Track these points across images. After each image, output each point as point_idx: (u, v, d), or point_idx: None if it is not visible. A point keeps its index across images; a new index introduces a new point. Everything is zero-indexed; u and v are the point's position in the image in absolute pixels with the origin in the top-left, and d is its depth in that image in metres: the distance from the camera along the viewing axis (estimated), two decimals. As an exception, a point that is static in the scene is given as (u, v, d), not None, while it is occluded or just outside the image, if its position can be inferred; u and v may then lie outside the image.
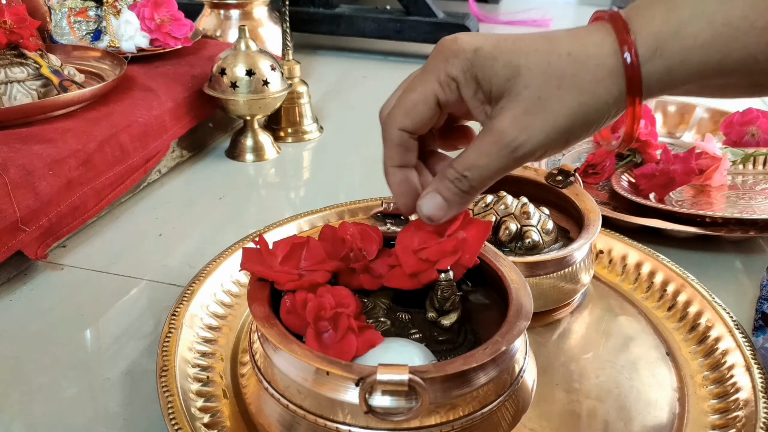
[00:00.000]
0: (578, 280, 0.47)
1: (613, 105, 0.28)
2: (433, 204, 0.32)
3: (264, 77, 0.73)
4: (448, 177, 0.31)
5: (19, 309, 0.49)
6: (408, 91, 0.31)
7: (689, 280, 0.49)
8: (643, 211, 0.61)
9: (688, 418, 0.38)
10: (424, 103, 0.30)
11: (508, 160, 0.29)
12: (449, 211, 0.32)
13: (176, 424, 0.35)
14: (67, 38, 0.82)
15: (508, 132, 0.29)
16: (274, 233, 0.53)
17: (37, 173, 0.53)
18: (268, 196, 0.71)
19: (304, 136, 0.85)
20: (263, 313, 0.31)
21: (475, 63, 0.29)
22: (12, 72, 0.63)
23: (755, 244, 0.60)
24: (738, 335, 0.43)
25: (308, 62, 1.21)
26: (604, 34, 0.28)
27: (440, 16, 1.19)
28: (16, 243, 0.51)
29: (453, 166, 0.31)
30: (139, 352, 0.45)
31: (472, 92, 0.30)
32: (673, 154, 0.63)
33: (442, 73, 0.30)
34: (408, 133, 0.31)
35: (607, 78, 0.28)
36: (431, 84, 0.30)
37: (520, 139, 0.29)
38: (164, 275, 0.54)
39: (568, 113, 0.28)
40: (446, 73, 0.30)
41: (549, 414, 0.39)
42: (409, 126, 0.31)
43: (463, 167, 0.30)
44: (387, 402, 0.27)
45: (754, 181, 0.67)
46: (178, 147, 0.75)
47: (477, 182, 0.31)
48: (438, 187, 0.32)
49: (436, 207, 0.32)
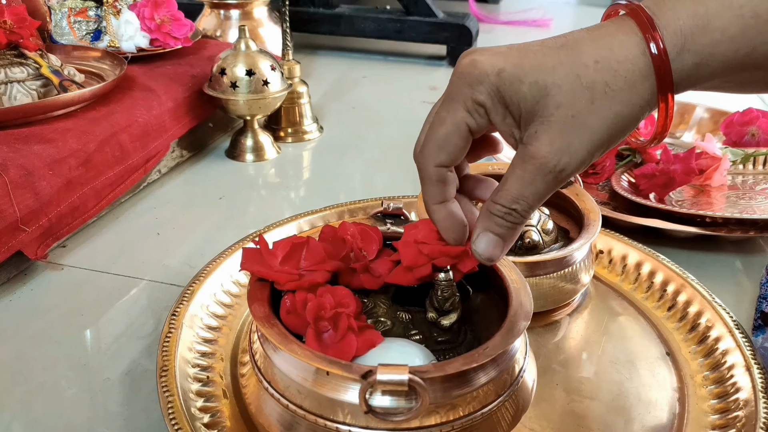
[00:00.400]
0: (578, 280, 0.47)
1: (647, 107, 0.28)
2: (488, 244, 0.31)
3: (264, 77, 0.73)
4: (496, 214, 0.30)
5: (19, 309, 0.49)
6: (437, 125, 0.30)
7: (689, 280, 0.49)
8: (643, 211, 0.61)
9: (688, 418, 0.38)
10: (456, 134, 0.30)
11: (554, 184, 0.29)
12: (506, 246, 0.31)
13: (176, 424, 0.35)
14: (67, 38, 0.82)
15: (549, 157, 0.28)
16: (274, 233, 0.53)
17: (37, 173, 0.53)
18: (268, 196, 0.71)
19: (304, 136, 0.85)
20: (263, 313, 0.31)
21: (501, 87, 0.28)
22: (12, 72, 0.63)
23: (755, 244, 0.60)
24: (738, 335, 0.43)
25: (308, 62, 1.21)
26: (628, 32, 0.27)
27: (440, 16, 1.19)
28: (16, 243, 0.51)
29: (498, 201, 0.30)
30: (139, 352, 0.45)
31: (501, 117, 0.29)
32: (673, 154, 0.63)
33: (469, 100, 0.29)
34: (445, 168, 0.31)
35: (639, 82, 0.27)
36: (460, 113, 0.29)
37: (563, 162, 0.28)
38: (164, 275, 0.54)
39: (606, 126, 0.28)
40: (473, 100, 0.29)
41: (549, 414, 0.39)
42: (446, 160, 0.30)
43: (510, 200, 0.29)
44: (387, 402, 0.27)
45: (754, 181, 0.67)
46: (178, 147, 0.75)
47: (526, 212, 0.30)
48: (488, 226, 0.31)
49: (492, 246, 0.31)
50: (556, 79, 0.27)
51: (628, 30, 0.27)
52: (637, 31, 0.27)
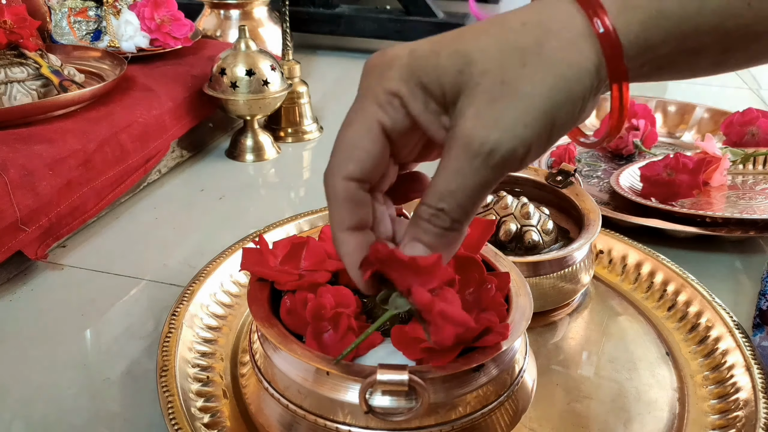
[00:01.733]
0: (578, 280, 0.47)
1: (595, 72, 0.23)
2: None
3: (264, 77, 0.73)
4: (422, 217, 0.25)
5: (19, 309, 0.49)
6: (344, 128, 0.25)
7: (689, 280, 0.49)
8: (643, 211, 0.61)
9: (688, 418, 0.38)
10: (366, 136, 0.24)
11: (486, 171, 0.23)
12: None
13: (176, 424, 0.35)
14: (67, 38, 0.82)
15: (474, 134, 0.22)
16: (274, 233, 0.53)
17: (37, 173, 0.53)
18: (268, 196, 0.71)
19: (304, 136, 0.85)
20: (263, 313, 0.31)
21: (415, 66, 0.23)
22: (12, 72, 0.63)
23: (755, 244, 0.60)
24: (738, 335, 0.43)
25: (308, 62, 1.21)
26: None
27: (440, 16, 1.19)
28: (16, 243, 0.51)
29: (424, 201, 0.25)
30: (139, 352, 0.45)
31: (421, 104, 0.24)
32: (682, 161, 0.62)
33: (380, 92, 0.24)
34: (356, 182, 0.25)
35: (579, 39, 0.23)
36: (369, 109, 0.24)
37: (492, 138, 0.22)
38: (164, 275, 0.54)
39: (545, 91, 0.22)
40: (384, 90, 0.24)
41: (549, 414, 0.39)
42: (355, 170, 0.24)
43: (436, 198, 0.24)
44: (387, 402, 0.27)
45: (754, 181, 0.67)
46: (178, 147, 0.75)
47: (457, 212, 0.24)
48: (415, 234, 0.25)
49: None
50: (480, 44, 0.23)
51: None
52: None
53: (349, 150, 0.24)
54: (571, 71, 0.23)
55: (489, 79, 0.23)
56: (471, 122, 0.23)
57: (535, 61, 0.22)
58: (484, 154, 0.23)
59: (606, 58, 0.23)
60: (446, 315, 0.25)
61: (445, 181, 0.24)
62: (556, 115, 0.23)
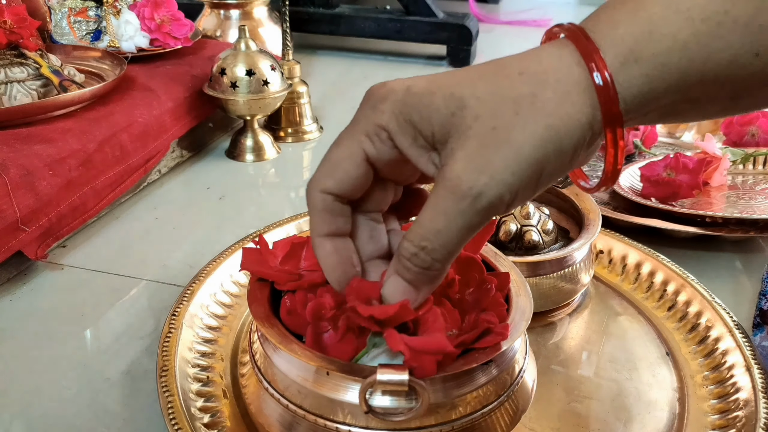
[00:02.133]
0: (578, 280, 0.47)
1: (588, 126, 0.23)
2: (395, 291, 0.26)
3: (264, 77, 0.73)
4: (404, 255, 0.25)
5: (19, 309, 0.49)
6: (333, 147, 0.26)
7: (689, 280, 0.49)
8: (643, 211, 0.61)
9: (688, 418, 0.39)
10: (349, 160, 0.25)
11: (471, 215, 0.23)
12: (419, 294, 0.26)
13: (176, 424, 0.35)
14: (67, 38, 0.82)
15: (463, 177, 0.23)
16: (274, 233, 0.53)
17: (37, 173, 0.53)
18: (268, 196, 0.71)
19: (304, 136, 0.85)
20: (263, 313, 0.31)
21: (408, 102, 0.24)
22: (12, 72, 0.63)
23: (755, 244, 0.60)
24: (738, 335, 0.43)
25: (308, 62, 1.21)
26: (558, 45, 0.24)
27: (440, 16, 1.19)
28: (16, 243, 0.51)
29: (407, 238, 0.25)
30: (139, 352, 0.45)
31: (410, 139, 0.24)
32: (682, 161, 0.62)
33: (370, 124, 0.25)
34: (333, 196, 0.26)
35: (575, 91, 0.23)
36: (358, 137, 0.25)
37: (480, 183, 0.23)
38: (164, 275, 0.54)
39: (535, 141, 0.23)
40: (374, 123, 0.25)
41: (549, 414, 0.39)
42: (333, 187, 0.26)
43: (419, 237, 0.24)
44: (387, 402, 0.27)
45: (754, 181, 0.67)
46: (178, 147, 0.75)
47: (439, 253, 0.24)
48: (397, 269, 0.26)
49: (400, 293, 0.26)
50: (475, 90, 0.23)
51: (559, 44, 0.24)
52: (569, 43, 0.23)
53: (332, 168, 0.26)
54: (563, 123, 0.23)
55: (481, 124, 0.23)
56: (461, 165, 0.23)
57: (528, 111, 0.23)
58: (472, 197, 0.23)
59: (602, 111, 0.23)
60: (421, 350, 0.26)
61: (431, 221, 0.24)
62: (545, 165, 0.23)
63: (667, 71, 0.22)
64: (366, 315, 0.26)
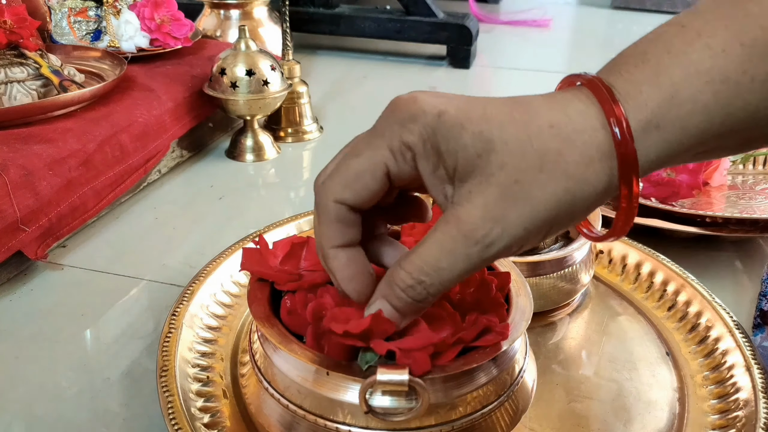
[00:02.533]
0: (578, 281, 0.47)
1: (603, 193, 0.24)
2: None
3: (264, 77, 0.73)
4: (398, 284, 0.25)
5: (19, 309, 0.49)
6: (352, 157, 0.25)
7: (689, 280, 0.49)
8: (643, 211, 0.61)
9: (688, 418, 0.39)
10: (370, 174, 0.25)
11: (477, 260, 0.24)
12: (402, 321, 0.26)
13: (176, 424, 0.35)
14: (67, 38, 0.82)
15: (479, 224, 0.23)
16: (274, 233, 0.53)
17: (37, 173, 0.53)
18: (268, 196, 0.71)
19: (304, 136, 0.85)
20: (263, 313, 0.31)
21: (438, 130, 0.23)
22: (12, 72, 0.63)
23: (755, 244, 0.60)
24: (738, 335, 0.43)
25: (308, 62, 1.21)
26: (584, 101, 0.24)
27: (440, 16, 1.19)
28: (16, 243, 0.51)
29: (405, 267, 0.25)
30: (139, 352, 0.45)
31: (431, 168, 0.24)
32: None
33: (396, 140, 0.24)
34: (347, 207, 0.26)
35: (597, 158, 0.23)
36: (381, 151, 0.24)
37: (493, 233, 0.23)
38: (164, 275, 0.54)
39: (551, 203, 0.23)
40: (401, 140, 0.24)
41: (549, 414, 0.39)
42: (349, 198, 0.25)
43: (419, 270, 0.24)
44: (387, 402, 0.27)
45: (754, 181, 0.67)
46: (178, 147, 0.75)
47: (436, 288, 0.25)
48: (386, 294, 0.26)
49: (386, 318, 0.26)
50: (504, 135, 0.23)
51: (585, 99, 0.24)
52: (595, 101, 0.23)
53: (351, 179, 0.25)
54: (579, 188, 0.23)
55: (505, 175, 0.23)
56: (479, 211, 0.23)
57: (551, 170, 0.23)
58: (483, 245, 0.23)
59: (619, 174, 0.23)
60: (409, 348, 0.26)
61: (434, 257, 0.24)
62: (555, 222, 0.24)
63: (686, 135, 0.23)
64: (340, 332, 0.26)
